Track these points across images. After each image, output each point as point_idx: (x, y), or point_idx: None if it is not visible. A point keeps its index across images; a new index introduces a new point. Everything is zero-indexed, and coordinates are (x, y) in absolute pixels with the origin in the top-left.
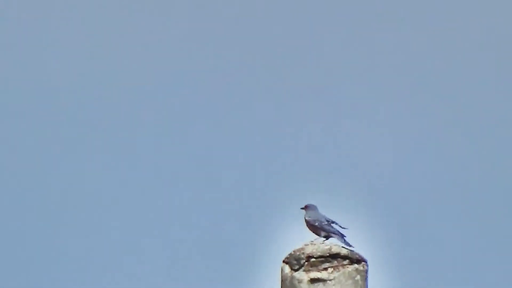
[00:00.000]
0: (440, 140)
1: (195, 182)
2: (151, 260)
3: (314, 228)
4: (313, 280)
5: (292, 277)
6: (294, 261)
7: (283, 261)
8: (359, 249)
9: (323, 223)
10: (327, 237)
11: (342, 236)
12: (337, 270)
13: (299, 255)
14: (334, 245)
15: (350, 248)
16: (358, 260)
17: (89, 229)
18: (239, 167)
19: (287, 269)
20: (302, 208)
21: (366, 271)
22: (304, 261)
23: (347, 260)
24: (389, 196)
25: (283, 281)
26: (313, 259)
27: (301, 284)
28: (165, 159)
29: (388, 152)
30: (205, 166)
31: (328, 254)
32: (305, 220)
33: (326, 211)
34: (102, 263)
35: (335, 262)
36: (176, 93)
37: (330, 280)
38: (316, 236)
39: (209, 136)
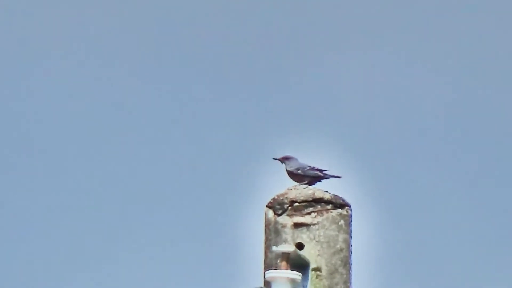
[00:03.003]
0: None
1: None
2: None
3: (298, 176)
4: (296, 225)
5: (276, 222)
6: (278, 206)
7: (267, 206)
8: (344, 195)
9: (305, 169)
10: (310, 184)
11: (323, 172)
12: (320, 214)
13: (282, 200)
14: (317, 189)
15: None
16: (342, 205)
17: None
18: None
19: (270, 213)
20: (278, 159)
21: (350, 216)
22: (288, 205)
23: (331, 205)
24: (372, 141)
25: (266, 225)
26: (296, 204)
27: (285, 229)
28: (146, 108)
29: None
30: (183, 114)
31: (311, 199)
32: (287, 171)
33: (308, 159)
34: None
35: (319, 206)
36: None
37: (313, 224)
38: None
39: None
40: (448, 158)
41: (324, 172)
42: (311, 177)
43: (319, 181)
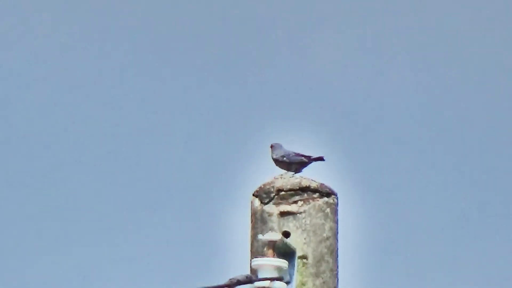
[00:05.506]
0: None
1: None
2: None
3: (284, 163)
4: (283, 213)
5: (262, 211)
6: (264, 195)
7: (253, 195)
8: (330, 183)
9: (290, 155)
10: (297, 170)
11: (307, 157)
12: (307, 203)
13: (268, 188)
14: (304, 178)
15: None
16: (328, 193)
17: None
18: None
19: (257, 202)
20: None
21: (336, 204)
22: (274, 194)
23: (317, 193)
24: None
25: (253, 214)
26: (282, 192)
27: (271, 217)
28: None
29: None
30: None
31: (298, 187)
32: (273, 159)
33: (293, 145)
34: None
35: (305, 195)
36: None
37: (300, 213)
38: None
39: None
40: (435, 141)
41: (308, 157)
42: (297, 163)
43: (305, 166)
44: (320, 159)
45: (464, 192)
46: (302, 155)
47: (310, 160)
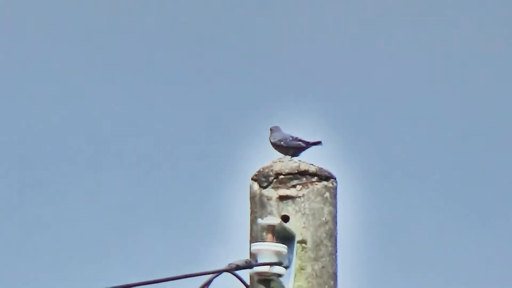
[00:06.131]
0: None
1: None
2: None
3: (281, 147)
4: (282, 197)
5: (261, 195)
6: (263, 179)
7: (252, 179)
8: (329, 167)
9: (288, 140)
10: (294, 155)
11: (305, 142)
12: (306, 187)
13: (267, 172)
14: (302, 162)
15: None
16: (327, 177)
17: None
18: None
19: (255, 186)
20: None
21: (335, 188)
22: (273, 178)
23: (316, 177)
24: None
25: (252, 198)
26: (281, 176)
27: (270, 201)
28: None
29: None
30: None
31: (296, 171)
32: (271, 142)
33: (292, 129)
34: None
35: (304, 179)
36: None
37: (299, 197)
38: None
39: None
40: (436, 122)
41: (306, 142)
42: (294, 147)
43: (303, 151)
44: (318, 143)
45: (465, 177)
46: (300, 140)
47: (308, 145)
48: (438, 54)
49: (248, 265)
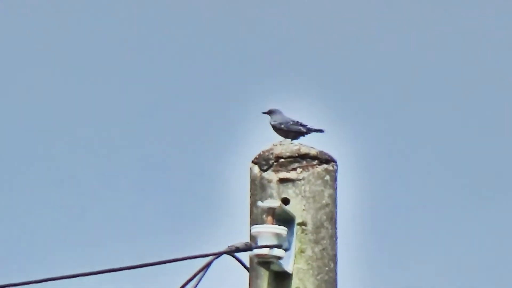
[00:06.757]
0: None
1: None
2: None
3: (281, 131)
4: (282, 180)
5: (262, 178)
6: (263, 162)
7: (252, 162)
8: (329, 149)
9: (289, 123)
10: (295, 138)
11: (306, 127)
12: (306, 170)
13: (268, 155)
14: (303, 145)
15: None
16: (328, 160)
17: None
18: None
19: (256, 169)
20: (265, 113)
21: (336, 171)
22: (273, 161)
23: (316, 160)
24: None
25: (252, 181)
26: (282, 160)
27: (271, 184)
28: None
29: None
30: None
31: (297, 154)
32: (271, 125)
33: (293, 113)
34: None
35: (304, 162)
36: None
37: (299, 180)
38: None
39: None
40: (437, 108)
41: (307, 127)
42: (295, 132)
43: (303, 136)
44: (319, 131)
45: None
46: (302, 124)
47: (308, 130)
48: (441, 37)
49: (248, 248)
